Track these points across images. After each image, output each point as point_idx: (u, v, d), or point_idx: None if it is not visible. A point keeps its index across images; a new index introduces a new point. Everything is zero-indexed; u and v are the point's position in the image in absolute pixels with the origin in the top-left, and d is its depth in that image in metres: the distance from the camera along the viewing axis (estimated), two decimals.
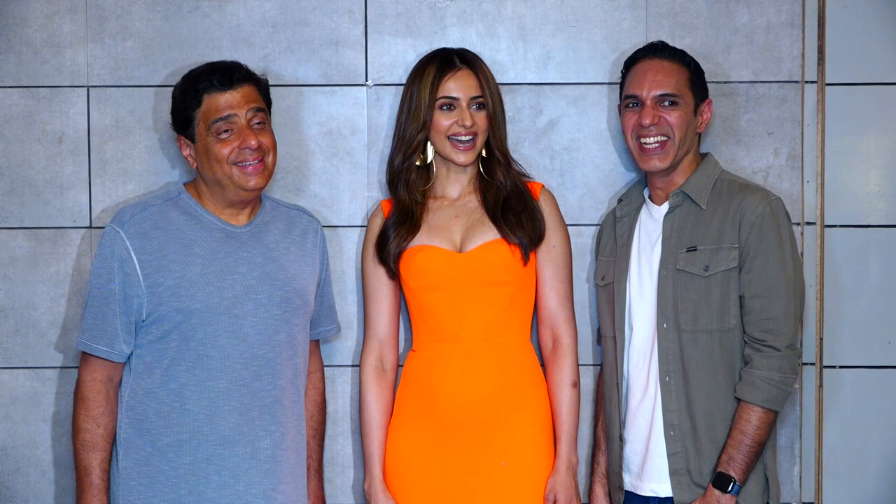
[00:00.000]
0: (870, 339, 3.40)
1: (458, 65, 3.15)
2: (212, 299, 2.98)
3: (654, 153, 3.09)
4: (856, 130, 3.41)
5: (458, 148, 3.13)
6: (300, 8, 3.38)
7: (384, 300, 3.23)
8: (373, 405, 3.21)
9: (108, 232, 3.01)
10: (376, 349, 3.24)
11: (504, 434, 3.11)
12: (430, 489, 3.13)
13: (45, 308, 3.38)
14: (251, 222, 3.09)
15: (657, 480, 3.07)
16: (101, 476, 3.01)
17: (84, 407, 3.01)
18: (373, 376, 3.23)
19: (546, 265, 3.18)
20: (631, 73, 3.15)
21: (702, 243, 3.05)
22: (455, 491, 3.11)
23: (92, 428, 3.00)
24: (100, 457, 3.01)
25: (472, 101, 3.14)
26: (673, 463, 3.04)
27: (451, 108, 3.13)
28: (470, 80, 3.14)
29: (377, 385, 3.22)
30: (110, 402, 3.03)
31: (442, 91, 3.13)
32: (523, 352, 3.18)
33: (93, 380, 3.01)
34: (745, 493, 2.99)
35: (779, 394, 2.98)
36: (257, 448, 3.02)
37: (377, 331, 3.24)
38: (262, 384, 3.03)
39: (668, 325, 3.06)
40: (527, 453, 3.13)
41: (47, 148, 3.38)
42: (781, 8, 3.37)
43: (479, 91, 3.14)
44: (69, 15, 3.36)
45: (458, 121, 3.12)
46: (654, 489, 3.07)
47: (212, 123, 2.99)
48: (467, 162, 3.15)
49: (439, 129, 3.13)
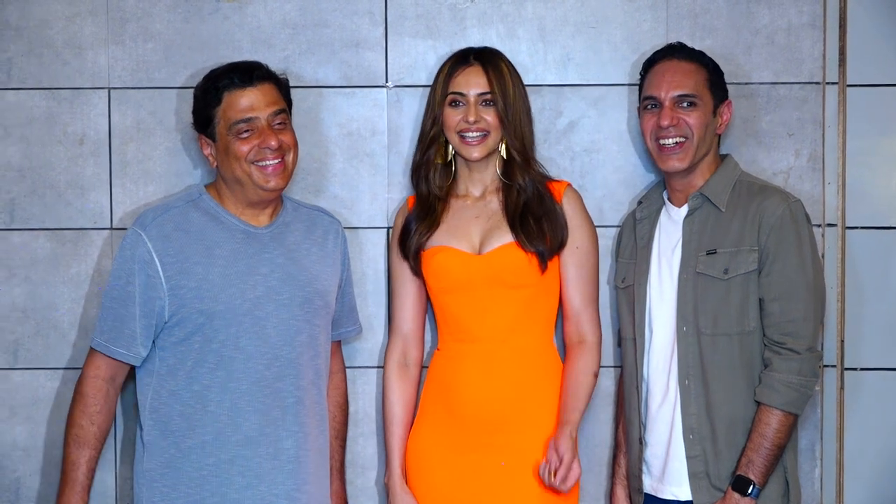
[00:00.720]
0: (891, 341, 3.39)
1: (471, 61, 3.15)
2: (234, 301, 2.99)
3: (672, 153, 3.08)
4: (877, 132, 3.40)
5: (466, 143, 3.13)
6: (320, 9, 3.38)
7: (408, 296, 3.24)
8: (395, 400, 3.23)
9: (129, 234, 3.02)
10: (400, 345, 3.25)
11: (522, 436, 3.10)
12: (448, 488, 3.14)
13: (65, 309, 3.39)
14: (272, 223, 3.10)
15: (677, 484, 3.07)
16: (87, 474, 3.02)
17: (82, 403, 3.02)
18: (395, 372, 3.24)
19: (570, 265, 3.17)
20: (649, 75, 3.15)
21: (721, 246, 3.05)
22: (472, 491, 3.11)
23: (86, 425, 3.01)
24: (88, 454, 3.02)
25: (479, 98, 3.13)
26: (692, 466, 3.04)
27: (458, 104, 3.14)
28: (478, 77, 3.14)
29: (400, 380, 3.24)
30: (109, 401, 3.04)
31: (451, 87, 3.15)
32: (545, 353, 3.18)
33: (95, 377, 3.02)
34: (764, 496, 2.99)
35: (799, 397, 2.97)
36: (280, 448, 3.02)
37: (401, 326, 3.25)
38: (285, 385, 3.03)
39: (688, 329, 3.05)
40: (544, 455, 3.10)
41: (68, 149, 3.39)
42: (802, 9, 3.37)
43: (487, 87, 3.13)
44: (90, 17, 3.37)
45: (465, 117, 3.13)
46: (675, 492, 3.07)
47: (232, 125, 3.00)
48: (478, 157, 3.14)
49: (448, 125, 3.15)
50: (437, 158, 3.21)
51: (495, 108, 3.13)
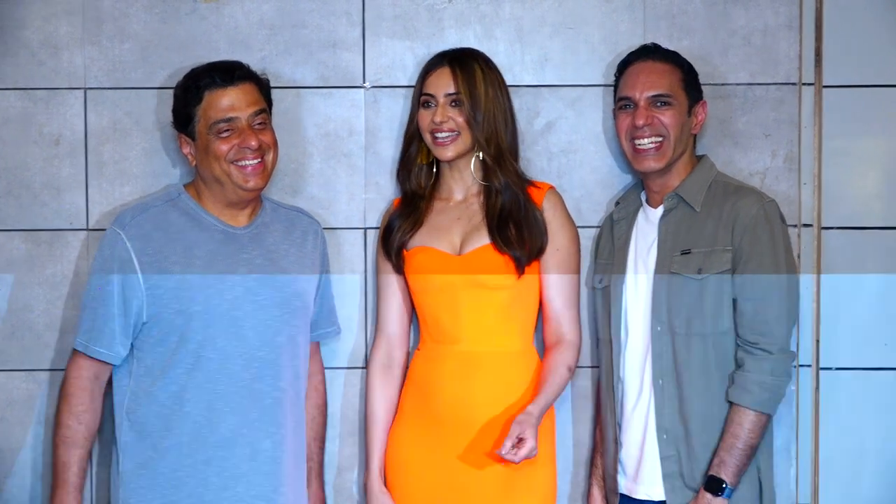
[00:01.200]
0: (867, 341, 3.40)
1: (443, 63, 3.17)
2: (212, 301, 2.99)
3: (648, 154, 3.10)
4: (853, 132, 3.40)
5: (437, 143, 3.15)
6: (298, 10, 3.38)
7: (393, 297, 3.25)
8: (376, 401, 3.24)
9: (108, 234, 3.03)
10: (384, 345, 3.26)
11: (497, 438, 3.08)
12: (425, 488, 3.15)
13: (41, 310, 3.38)
14: (251, 224, 3.10)
15: (651, 484, 3.08)
16: (79, 474, 3.02)
17: (67, 403, 3.02)
18: (379, 372, 3.25)
19: (551, 268, 3.18)
20: (624, 76, 3.17)
21: (696, 246, 3.06)
22: (449, 491, 3.12)
23: (73, 424, 3.01)
24: (78, 454, 3.01)
25: (447, 98, 3.15)
26: (666, 466, 3.05)
27: (429, 104, 3.16)
28: (446, 78, 3.15)
29: (382, 381, 3.25)
30: (94, 400, 3.04)
31: (424, 88, 3.17)
32: (524, 356, 3.18)
33: (79, 377, 3.02)
34: (737, 496, 3.00)
35: (771, 397, 2.98)
36: (257, 450, 3.02)
37: (385, 327, 3.26)
38: (263, 386, 3.03)
39: (662, 329, 3.06)
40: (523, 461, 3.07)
41: (44, 150, 3.38)
42: (779, 10, 3.38)
43: (454, 88, 3.14)
44: (66, 17, 3.36)
45: (432, 117, 3.14)
46: (649, 493, 3.08)
47: (213, 124, 3.01)
48: (450, 157, 3.15)
49: (421, 126, 3.17)
50: (420, 158, 3.22)
51: (462, 109, 3.14)
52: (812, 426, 3.40)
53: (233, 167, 3.02)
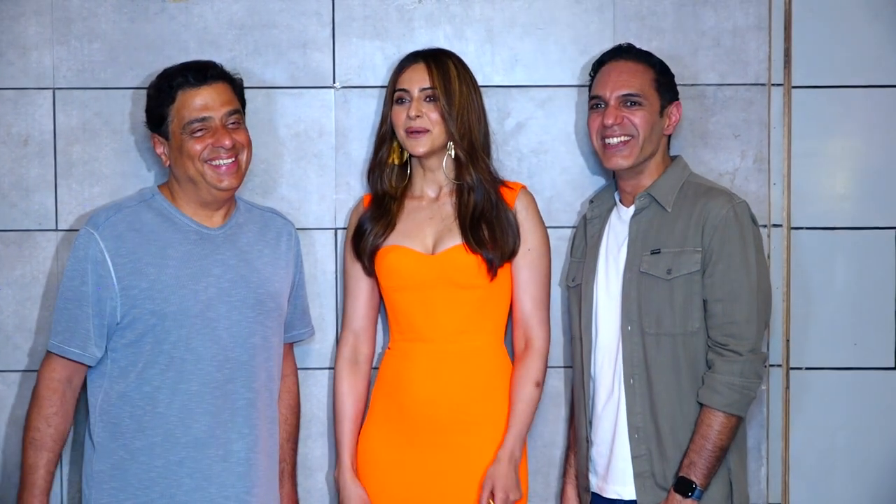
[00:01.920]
0: (836, 341, 3.42)
1: (417, 59, 3.18)
2: (186, 302, 3.00)
3: (616, 151, 3.10)
4: (822, 133, 3.43)
5: (410, 137, 3.16)
6: (267, 10, 3.39)
7: (360, 294, 3.26)
8: (345, 395, 3.25)
9: (82, 235, 3.02)
10: (351, 341, 3.27)
11: (470, 437, 3.12)
12: (396, 486, 3.15)
13: (10, 311, 3.38)
14: (225, 224, 3.11)
15: (621, 483, 3.08)
16: (46, 477, 3.01)
17: (38, 405, 3.01)
18: (346, 367, 3.26)
19: (521, 268, 3.18)
20: (598, 75, 3.18)
21: (665, 246, 3.07)
22: (420, 490, 3.13)
23: (42, 427, 3.00)
24: (46, 457, 3.01)
25: (422, 93, 3.15)
26: (637, 466, 3.05)
27: (403, 101, 3.17)
28: (421, 74, 3.16)
29: (350, 376, 3.26)
30: (65, 403, 3.03)
31: (397, 84, 3.18)
32: (494, 355, 3.19)
33: (51, 379, 3.01)
34: (707, 497, 3.00)
35: (741, 399, 2.99)
36: (230, 451, 3.03)
37: (352, 323, 3.27)
38: (236, 387, 3.04)
39: (633, 328, 3.07)
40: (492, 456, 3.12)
41: (12, 150, 3.38)
42: (748, 11, 3.40)
43: (429, 83, 3.15)
44: (35, 17, 3.36)
45: (408, 112, 3.15)
46: (619, 491, 3.09)
47: (186, 124, 3.01)
48: (422, 152, 3.16)
49: (395, 122, 3.18)
50: (392, 158, 3.23)
51: (437, 104, 3.15)
52: (782, 425, 3.42)
53: (207, 166, 3.02)
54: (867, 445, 3.44)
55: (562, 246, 3.40)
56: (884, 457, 3.44)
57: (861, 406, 3.44)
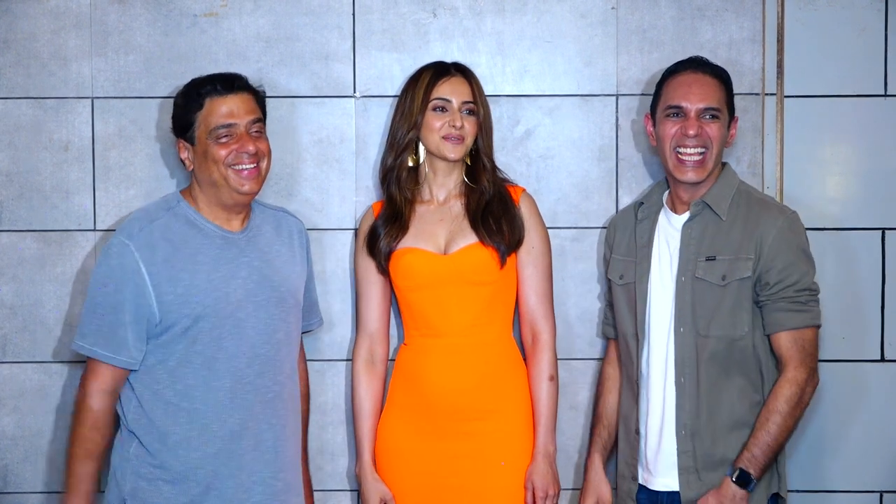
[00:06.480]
0: (826, 335, 3.41)
1: (454, 72, 3.23)
2: (219, 304, 3.02)
3: (690, 166, 3.10)
4: (813, 140, 3.46)
5: (448, 142, 3.18)
6: (292, 24, 3.43)
7: (374, 297, 3.30)
8: (363, 395, 3.30)
9: (115, 244, 3.00)
10: (367, 343, 3.31)
11: (486, 423, 3.19)
12: (418, 474, 3.22)
13: (51, 306, 3.43)
14: (246, 228, 3.13)
15: (667, 476, 3.11)
16: (94, 484, 3.04)
17: (91, 418, 3.01)
18: (363, 369, 3.31)
19: (526, 265, 3.25)
20: (672, 84, 3.14)
21: (720, 253, 3.08)
22: (441, 476, 3.19)
23: (93, 436, 3.01)
24: (95, 466, 3.03)
25: (463, 105, 3.20)
26: (682, 460, 3.08)
27: (443, 110, 3.20)
28: (463, 87, 3.22)
29: (367, 377, 3.31)
30: (111, 409, 3.05)
31: (436, 93, 3.20)
32: (505, 346, 3.26)
33: (101, 391, 3.01)
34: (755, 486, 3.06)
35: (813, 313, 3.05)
36: (260, 440, 3.07)
37: (367, 326, 3.31)
38: (265, 381, 3.08)
39: (685, 330, 3.08)
40: (508, 441, 3.21)
41: (54, 155, 3.43)
42: (743, 25, 3.43)
43: (471, 97, 3.21)
44: (75, 30, 3.41)
45: (450, 121, 3.19)
46: (665, 483, 3.11)
47: (213, 130, 3.02)
48: (455, 158, 3.20)
49: (432, 129, 3.19)
50: (410, 161, 3.27)
51: (476, 118, 3.22)
52: None
53: (230, 171, 3.03)
54: (855, 434, 3.48)
55: (566, 245, 3.44)
56: (871, 444, 3.48)
57: (849, 396, 3.48)
